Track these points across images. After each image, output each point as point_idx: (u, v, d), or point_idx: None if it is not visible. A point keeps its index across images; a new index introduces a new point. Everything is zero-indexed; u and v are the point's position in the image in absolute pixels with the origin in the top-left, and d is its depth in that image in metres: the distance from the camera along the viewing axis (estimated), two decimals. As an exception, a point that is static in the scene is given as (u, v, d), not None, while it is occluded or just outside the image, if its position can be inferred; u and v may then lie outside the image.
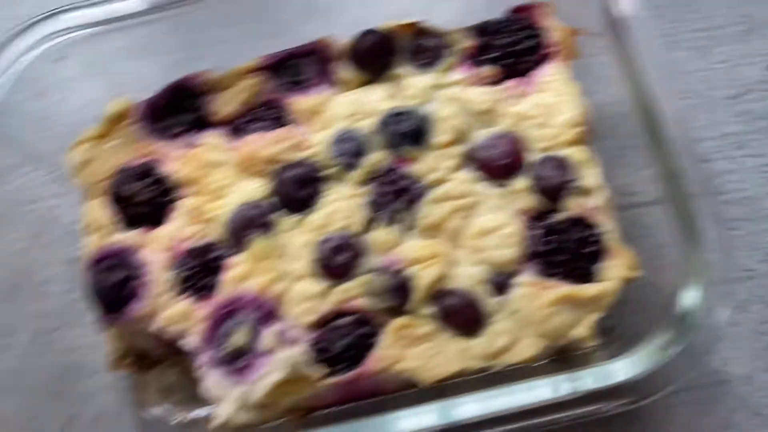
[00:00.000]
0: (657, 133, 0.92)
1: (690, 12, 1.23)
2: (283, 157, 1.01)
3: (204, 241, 0.99)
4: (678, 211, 0.90)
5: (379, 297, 0.93)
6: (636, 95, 0.94)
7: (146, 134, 1.06)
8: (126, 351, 1.05)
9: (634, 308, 1.01)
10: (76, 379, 1.12)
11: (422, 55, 1.03)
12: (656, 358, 0.85)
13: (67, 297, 1.16)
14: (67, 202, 1.21)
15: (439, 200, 0.96)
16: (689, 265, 0.88)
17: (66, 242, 1.19)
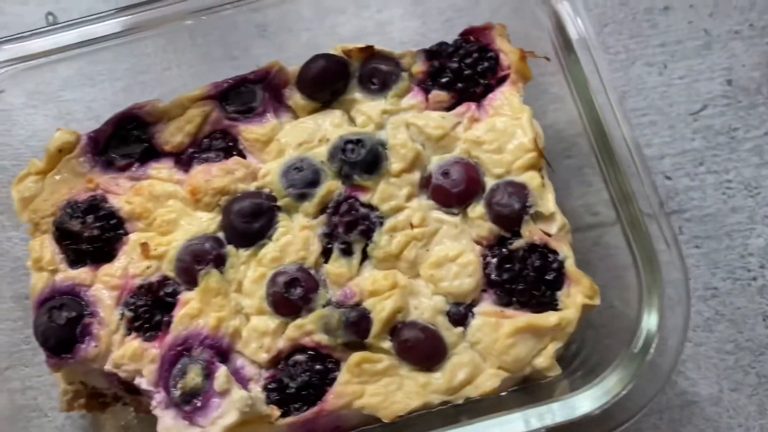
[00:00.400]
0: (609, 155, 0.91)
1: (649, 27, 1.22)
2: (233, 188, 0.98)
3: (155, 277, 0.96)
4: (633, 232, 0.89)
5: (335, 332, 0.90)
6: (587, 117, 0.93)
7: (92, 167, 1.03)
8: (78, 391, 1.01)
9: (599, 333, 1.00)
10: (28, 421, 1.08)
11: (375, 79, 1.01)
12: (620, 386, 0.85)
13: (17, 335, 1.13)
14: (17, 236, 1.18)
15: (395, 230, 0.94)
16: (647, 288, 0.87)
17: (14, 277, 1.15)
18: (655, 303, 0.88)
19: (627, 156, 0.90)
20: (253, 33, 1.21)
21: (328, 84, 1.01)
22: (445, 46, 1.02)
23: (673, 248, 0.86)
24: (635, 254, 0.88)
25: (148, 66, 1.26)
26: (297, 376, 0.90)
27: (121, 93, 1.24)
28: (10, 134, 1.19)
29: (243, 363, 0.92)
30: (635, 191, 0.89)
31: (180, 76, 1.23)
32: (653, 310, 0.88)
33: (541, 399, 0.88)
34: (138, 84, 1.24)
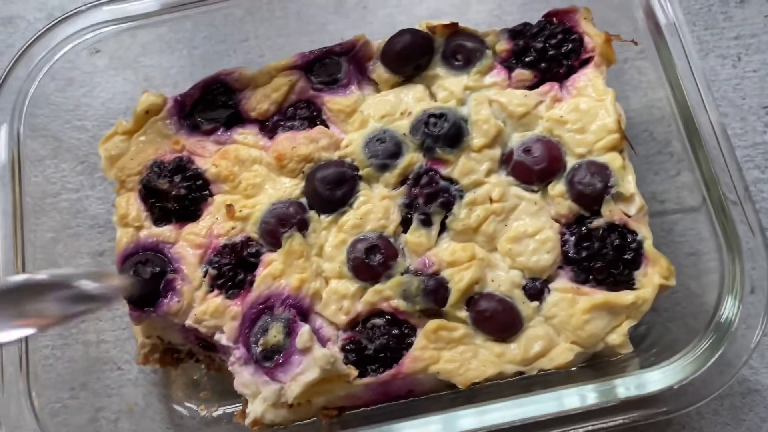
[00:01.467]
0: (696, 139, 0.92)
1: (724, 20, 1.23)
2: (317, 156, 1.01)
3: (238, 238, 0.99)
4: (717, 219, 0.90)
5: (414, 298, 0.93)
6: (675, 101, 0.94)
7: (178, 129, 1.06)
8: (155, 346, 1.05)
9: (667, 317, 1.02)
10: (102, 372, 1.12)
11: (459, 55, 1.03)
12: (692, 369, 0.86)
13: (94, 290, 1.17)
14: (95, 194, 1.22)
15: (474, 204, 0.96)
16: (729, 274, 0.88)
17: (91, 235, 1.20)
18: (737, 290, 0.88)
19: (713, 141, 0.91)
20: (330, 9, 1.23)
21: (413, 59, 1.03)
22: (529, 27, 1.04)
23: (758, 235, 0.87)
24: (719, 239, 0.89)
25: (225, 36, 1.29)
26: (375, 339, 0.92)
27: (198, 61, 1.28)
28: (92, 96, 1.23)
29: (321, 324, 0.95)
30: (720, 176, 0.90)
31: (257, 47, 1.26)
32: (733, 296, 0.88)
33: (611, 375, 0.89)
34: (215, 53, 1.28)
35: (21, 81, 1.06)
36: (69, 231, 1.16)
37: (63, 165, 1.19)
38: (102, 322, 1.16)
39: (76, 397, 1.07)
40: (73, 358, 1.09)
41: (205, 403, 1.09)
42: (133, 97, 1.22)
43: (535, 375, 0.92)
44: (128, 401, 1.10)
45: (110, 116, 1.23)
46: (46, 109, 1.12)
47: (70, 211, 1.18)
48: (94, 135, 1.21)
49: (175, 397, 1.11)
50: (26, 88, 1.06)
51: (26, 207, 1.04)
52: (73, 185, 1.20)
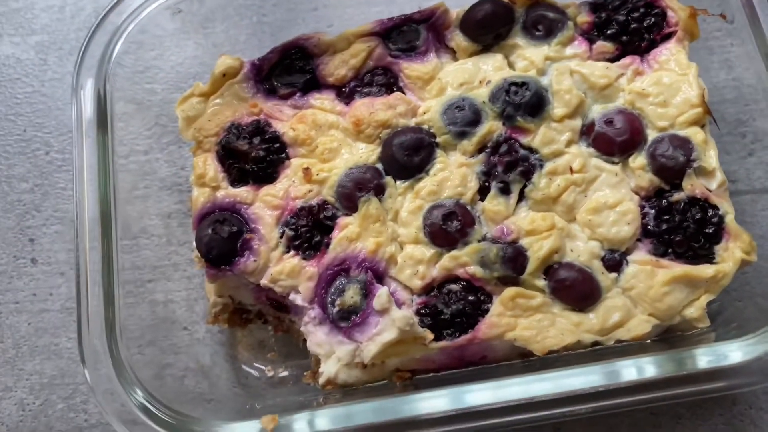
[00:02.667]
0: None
1: None
2: (394, 123, 1.01)
3: (315, 201, 1.00)
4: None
5: (492, 265, 0.93)
6: (763, 80, 0.93)
7: (255, 93, 1.07)
8: (226, 305, 1.07)
9: (736, 296, 1.01)
10: (169, 331, 1.14)
11: (540, 26, 1.03)
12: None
13: (162, 251, 1.19)
14: (163, 157, 1.23)
15: (554, 173, 0.96)
16: None
17: (161, 196, 1.21)
18: None
19: None
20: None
21: (493, 27, 1.03)
22: (610, 0, 1.03)
23: None
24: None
25: (295, 4, 1.29)
26: (451, 304, 0.93)
27: (267, 28, 1.29)
28: (162, 59, 1.24)
29: (396, 288, 0.96)
30: None
31: (326, 16, 1.27)
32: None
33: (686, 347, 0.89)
34: (284, 21, 1.28)
35: (102, 45, 1.07)
36: (137, 192, 1.18)
37: (132, 127, 1.20)
38: (170, 282, 1.18)
39: (142, 353, 1.09)
40: (141, 316, 1.11)
41: (271, 364, 1.11)
42: (203, 62, 1.24)
43: (611, 346, 0.92)
44: (195, 360, 1.12)
45: (180, 80, 1.24)
46: (121, 71, 1.13)
47: (138, 172, 1.20)
48: (163, 98, 1.23)
49: (241, 358, 1.12)
50: (111, 47, 1.07)
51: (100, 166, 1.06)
52: (142, 147, 1.21)
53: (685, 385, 0.87)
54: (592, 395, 0.87)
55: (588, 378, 0.86)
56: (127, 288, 1.11)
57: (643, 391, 0.87)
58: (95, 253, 0.98)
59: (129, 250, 1.14)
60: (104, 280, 0.97)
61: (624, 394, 0.86)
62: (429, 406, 0.88)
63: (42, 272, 1.21)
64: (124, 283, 1.08)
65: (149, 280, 1.17)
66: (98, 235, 0.99)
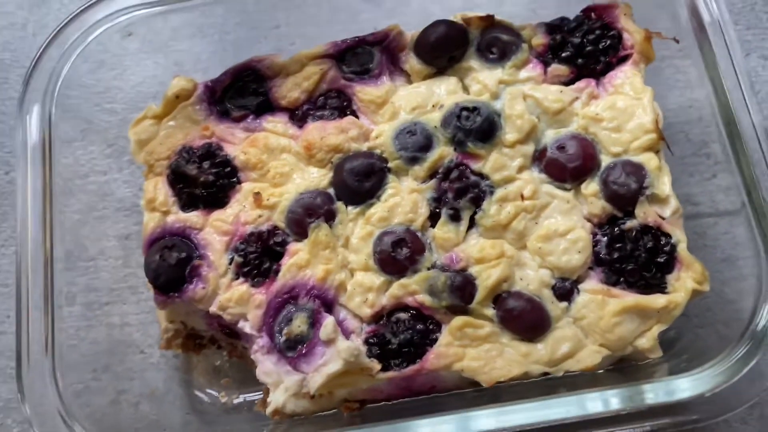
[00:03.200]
0: (737, 141, 0.90)
1: (767, 20, 1.19)
2: (346, 147, 1.00)
3: (265, 226, 0.98)
4: (756, 223, 0.88)
5: (440, 294, 0.92)
6: (717, 101, 0.91)
7: (208, 115, 1.06)
8: (178, 331, 1.05)
9: (698, 323, 1.00)
10: (124, 355, 1.13)
11: (495, 48, 1.01)
12: (723, 378, 0.84)
13: (119, 273, 1.17)
14: (122, 177, 1.22)
15: (505, 200, 0.95)
16: (766, 281, 0.86)
17: (119, 218, 1.20)
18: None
19: (755, 143, 0.88)
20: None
21: (447, 50, 1.01)
22: (566, 21, 1.02)
23: None
24: (757, 244, 0.87)
25: (257, 22, 1.28)
26: (399, 333, 0.92)
27: (229, 47, 1.27)
28: (122, 79, 1.23)
29: (345, 316, 0.95)
30: (761, 180, 0.87)
31: (288, 34, 1.25)
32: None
33: (638, 380, 0.88)
34: (246, 39, 1.27)
35: (54, 62, 1.06)
36: (96, 213, 1.17)
37: (91, 147, 1.19)
38: (126, 305, 1.16)
39: (98, 379, 1.08)
40: (96, 340, 1.10)
41: (225, 390, 1.09)
42: (163, 81, 1.22)
43: (561, 377, 0.90)
44: (150, 385, 1.10)
45: (140, 100, 1.23)
46: (77, 91, 1.12)
47: (97, 193, 1.18)
48: (123, 118, 1.21)
49: (196, 383, 1.11)
50: (59, 69, 1.06)
51: (55, 188, 1.04)
52: (101, 168, 1.20)
53: (633, 421, 0.85)
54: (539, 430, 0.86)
55: (531, 414, 0.84)
56: (83, 311, 1.10)
57: (592, 427, 0.85)
58: (37, 276, 0.96)
59: (86, 272, 1.13)
60: (45, 305, 0.95)
61: (571, 429, 0.85)
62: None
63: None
64: (81, 305, 1.07)
65: (106, 303, 1.15)
66: (41, 258, 0.97)
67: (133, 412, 1.08)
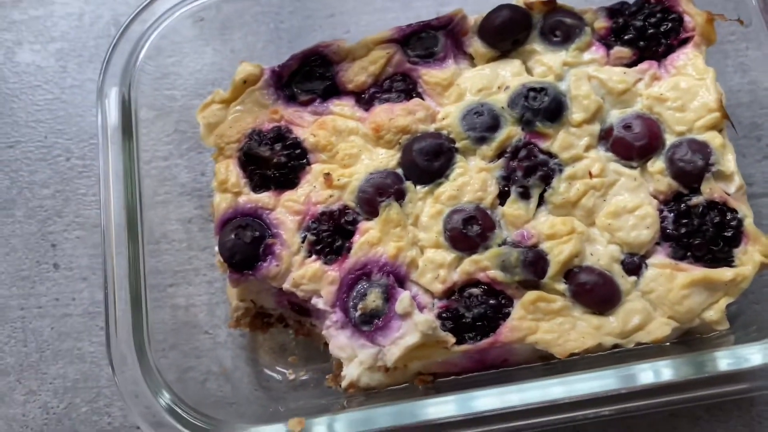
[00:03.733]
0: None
1: None
2: (414, 128, 1.02)
3: (336, 206, 1.01)
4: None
5: (513, 269, 0.94)
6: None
7: (275, 99, 1.08)
8: (248, 309, 1.08)
9: (753, 299, 1.02)
10: (190, 335, 1.15)
11: (558, 31, 1.04)
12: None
13: (182, 256, 1.20)
14: (183, 163, 1.25)
15: (574, 178, 0.97)
16: None
17: (181, 202, 1.23)
18: None
19: None
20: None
21: (511, 34, 1.04)
22: (627, 5, 1.04)
23: None
24: None
25: (312, 11, 1.31)
26: (472, 308, 0.94)
27: (284, 34, 1.30)
28: (181, 65, 1.26)
29: (417, 292, 0.97)
30: None
31: (342, 23, 1.28)
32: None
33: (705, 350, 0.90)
34: (301, 28, 1.30)
35: (131, 44, 1.09)
36: (158, 198, 1.19)
37: (152, 134, 1.22)
38: (191, 287, 1.19)
39: (165, 357, 1.10)
40: (163, 320, 1.12)
41: (292, 367, 1.12)
42: (221, 68, 1.26)
43: (631, 348, 0.93)
44: (217, 363, 1.13)
45: (199, 87, 1.26)
46: (142, 77, 1.15)
47: (159, 178, 1.21)
48: (183, 104, 1.25)
49: (262, 361, 1.13)
50: (135, 55, 1.09)
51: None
52: (162, 153, 1.23)
53: (704, 387, 0.88)
54: (611, 398, 0.88)
55: (607, 381, 0.87)
56: (150, 293, 1.13)
57: (662, 394, 0.88)
58: (122, 258, 0.99)
59: (151, 255, 1.15)
60: (131, 284, 0.98)
61: (642, 396, 0.87)
62: (448, 410, 0.89)
63: (64, 277, 1.22)
64: (148, 287, 1.10)
65: (170, 285, 1.18)
66: (125, 240, 1.00)
67: (201, 388, 1.11)
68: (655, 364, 0.87)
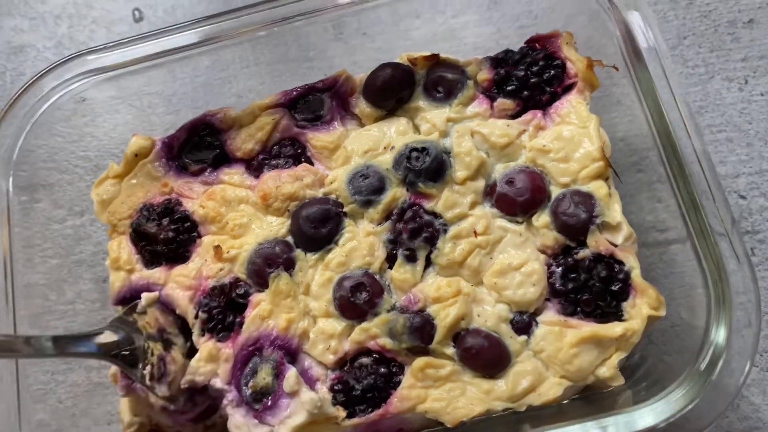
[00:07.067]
0: (679, 169, 0.89)
1: (731, 41, 1.17)
2: (302, 194, 1.01)
3: (228, 278, 1.00)
4: (703, 248, 0.88)
5: (400, 336, 0.93)
6: (657, 129, 0.92)
7: (167, 171, 1.07)
8: (143, 424, 1.02)
9: (664, 347, 0.99)
10: (103, 396, 1.12)
11: (440, 87, 1.02)
12: (684, 403, 0.84)
13: (95, 316, 1.17)
14: (98, 222, 1.22)
15: (459, 237, 0.95)
16: (716, 304, 0.86)
17: (94, 261, 1.19)
18: (724, 320, 0.86)
19: (698, 171, 0.88)
20: (330, 36, 1.21)
21: (394, 92, 1.03)
22: (511, 54, 1.03)
23: (745, 266, 0.85)
24: (705, 270, 0.87)
25: (227, 63, 1.28)
26: (362, 379, 0.92)
27: (200, 88, 1.27)
28: (94, 125, 1.23)
29: (310, 364, 0.95)
30: (705, 207, 0.87)
31: (258, 73, 1.24)
32: (722, 326, 0.86)
33: (603, 409, 0.88)
34: (217, 80, 1.27)
35: (14, 127, 1.08)
36: (73, 257, 1.17)
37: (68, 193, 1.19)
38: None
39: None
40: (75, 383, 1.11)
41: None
42: (133, 127, 1.24)
43: (525, 411, 0.90)
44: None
45: (113, 146, 1.22)
46: (53, 141, 1.13)
47: (74, 237, 1.19)
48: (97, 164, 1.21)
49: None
50: (16, 136, 1.08)
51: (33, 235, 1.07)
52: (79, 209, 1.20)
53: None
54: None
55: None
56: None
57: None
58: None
59: (63, 316, 1.14)
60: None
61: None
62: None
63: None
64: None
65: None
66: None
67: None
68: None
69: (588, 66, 0.98)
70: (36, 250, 1.13)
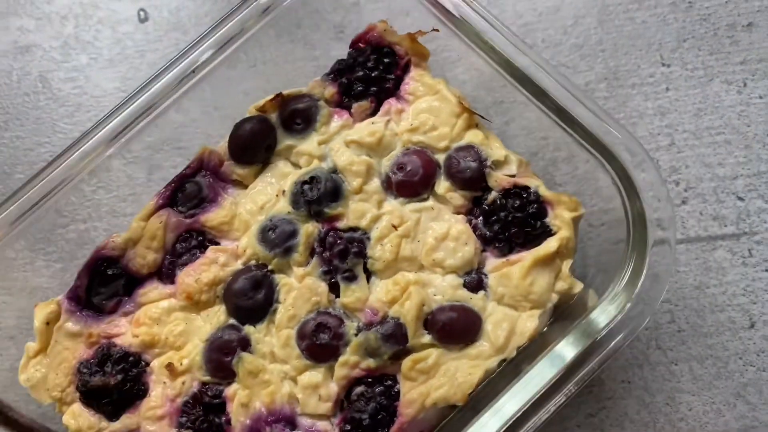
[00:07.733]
0: (533, 86, 0.95)
1: (730, 44, 1.17)
2: (223, 275, 1.00)
3: (194, 388, 0.97)
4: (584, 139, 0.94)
5: (377, 351, 0.94)
6: (497, 61, 0.97)
7: (85, 322, 1.03)
8: None
9: (600, 246, 1.06)
10: None
11: (297, 120, 1.05)
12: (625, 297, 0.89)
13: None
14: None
15: (383, 238, 0.98)
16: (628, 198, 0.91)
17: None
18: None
19: (552, 83, 0.92)
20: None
21: (259, 144, 1.04)
22: (342, 62, 1.07)
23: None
24: (606, 168, 0.92)
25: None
26: (365, 407, 0.93)
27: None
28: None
29: (312, 422, 0.95)
30: (575, 111, 0.92)
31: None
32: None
33: (580, 316, 0.92)
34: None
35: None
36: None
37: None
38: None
39: None
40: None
41: None
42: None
43: (517, 354, 0.94)
44: None
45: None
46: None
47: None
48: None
49: None
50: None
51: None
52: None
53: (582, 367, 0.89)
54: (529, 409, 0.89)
55: (520, 396, 0.87)
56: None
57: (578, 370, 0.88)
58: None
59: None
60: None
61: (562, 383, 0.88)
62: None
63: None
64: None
65: None
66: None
67: None
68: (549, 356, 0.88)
69: (412, 40, 1.04)
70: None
